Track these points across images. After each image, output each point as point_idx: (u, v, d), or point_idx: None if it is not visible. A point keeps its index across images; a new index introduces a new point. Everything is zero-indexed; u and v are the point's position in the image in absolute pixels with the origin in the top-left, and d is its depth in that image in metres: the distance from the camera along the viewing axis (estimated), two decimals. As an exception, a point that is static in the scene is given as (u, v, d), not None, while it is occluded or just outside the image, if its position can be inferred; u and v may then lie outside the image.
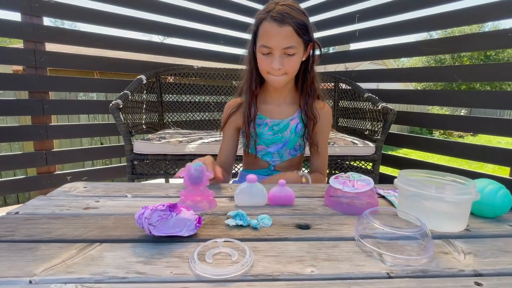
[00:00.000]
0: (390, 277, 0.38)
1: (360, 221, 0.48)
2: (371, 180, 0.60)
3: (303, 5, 2.40)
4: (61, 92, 2.91)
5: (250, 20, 2.36)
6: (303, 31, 0.78)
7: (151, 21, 2.00)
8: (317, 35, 2.43)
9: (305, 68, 0.89)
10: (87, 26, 1.85)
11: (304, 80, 0.90)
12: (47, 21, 1.68)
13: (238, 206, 0.61)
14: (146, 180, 1.58)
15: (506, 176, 1.42)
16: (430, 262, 0.41)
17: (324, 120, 0.93)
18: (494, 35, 1.46)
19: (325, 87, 2.18)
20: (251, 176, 0.61)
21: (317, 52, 0.88)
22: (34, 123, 1.66)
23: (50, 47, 1.71)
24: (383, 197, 0.69)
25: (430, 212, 0.52)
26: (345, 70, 2.36)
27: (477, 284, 0.37)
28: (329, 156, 1.50)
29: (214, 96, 2.14)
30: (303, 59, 0.85)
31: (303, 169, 1.16)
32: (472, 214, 0.59)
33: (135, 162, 1.45)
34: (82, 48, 1.90)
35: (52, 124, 1.72)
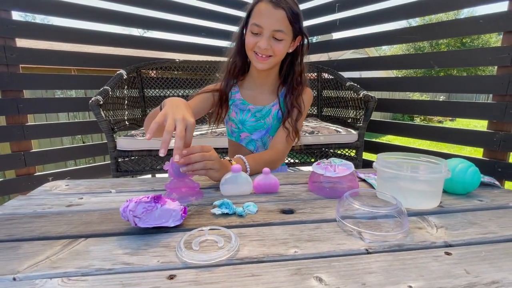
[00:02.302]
0: (368, 253, 0.40)
1: (341, 203, 0.50)
2: (351, 164, 0.63)
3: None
4: (36, 90, 2.79)
5: (232, 12, 2.32)
6: (295, 19, 0.81)
7: (131, 14, 1.93)
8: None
9: (292, 60, 0.90)
10: (62, 20, 1.77)
11: (290, 72, 0.91)
12: (17, 16, 1.59)
13: (224, 196, 0.61)
14: (132, 177, 1.55)
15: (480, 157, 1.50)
16: (405, 237, 0.44)
17: (305, 103, 0.95)
18: (468, 22, 1.51)
19: (308, 77, 2.20)
20: (236, 166, 0.62)
21: (305, 43, 0.89)
22: (9, 124, 1.59)
23: (22, 43, 1.63)
24: (364, 180, 0.72)
25: (406, 191, 0.55)
26: (328, 59, 2.38)
27: (447, 253, 0.40)
28: (314, 144, 1.54)
29: (197, 90, 2.10)
30: (290, 50, 0.87)
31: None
32: (445, 191, 0.63)
33: (120, 160, 1.42)
34: (57, 44, 1.82)
35: (29, 124, 1.65)
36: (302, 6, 2.29)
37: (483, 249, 0.41)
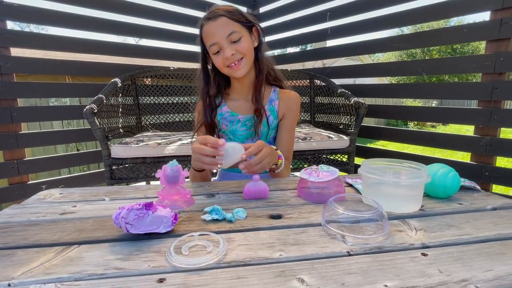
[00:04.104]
0: (350, 255, 0.42)
1: (326, 208, 0.52)
2: (337, 170, 0.65)
3: (276, 4, 2.45)
4: (30, 98, 2.79)
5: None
6: (237, 15, 0.84)
7: (125, 22, 1.97)
8: (292, 33, 2.47)
9: (256, 53, 0.91)
10: (57, 29, 1.79)
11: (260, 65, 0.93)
12: (11, 25, 1.60)
13: (214, 202, 0.63)
14: (127, 184, 1.56)
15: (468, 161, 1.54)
16: (386, 240, 0.46)
17: (290, 106, 0.97)
18: (454, 31, 1.57)
19: (301, 84, 2.24)
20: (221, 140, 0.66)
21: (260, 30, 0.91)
22: (2, 132, 1.59)
23: (16, 51, 1.65)
24: (351, 185, 0.75)
25: (389, 196, 0.57)
26: (322, 66, 2.44)
27: (423, 254, 0.42)
28: (307, 150, 1.57)
29: (192, 97, 2.14)
30: (255, 44, 0.89)
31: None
32: (428, 196, 0.65)
33: (114, 167, 1.43)
34: (51, 52, 1.84)
35: (23, 132, 1.65)
36: (294, 15, 2.35)
37: (457, 249, 0.43)
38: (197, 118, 0.99)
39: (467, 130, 7.40)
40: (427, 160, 1.63)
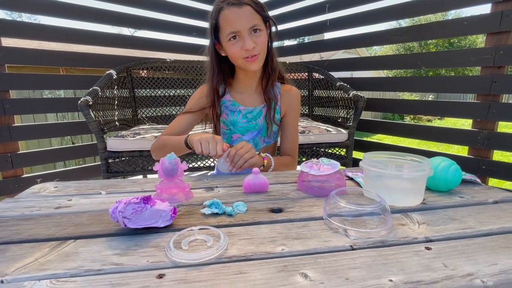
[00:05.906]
0: (353, 249, 0.41)
1: (328, 202, 0.51)
2: (337, 163, 0.64)
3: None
4: (23, 90, 2.73)
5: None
6: (261, 9, 0.82)
7: (121, 13, 1.91)
8: (290, 25, 2.43)
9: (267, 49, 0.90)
10: (50, 19, 1.73)
11: (266, 62, 0.91)
12: (2, 14, 1.55)
13: (214, 195, 0.62)
14: (124, 178, 1.55)
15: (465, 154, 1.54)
16: (389, 234, 0.46)
17: (292, 102, 0.97)
18: (453, 24, 1.55)
19: (299, 77, 2.22)
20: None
21: (273, 29, 0.90)
22: (-5, 125, 1.56)
23: (8, 42, 1.60)
24: (351, 179, 0.74)
25: (391, 189, 0.57)
26: (320, 59, 2.41)
27: (427, 248, 0.41)
28: (305, 144, 1.56)
29: (189, 90, 2.10)
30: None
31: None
32: (429, 189, 0.65)
33: (110, 160, 1.41)
34: (45, 43, 1.79)
35: (16, 125, 1.62)
36: (293, 6, 2.31)
37: (461, 243, 0.42)
38: (194, 99, 0.95)
39: (463, 124, 7.45)
40: (424, 154, 1.63)
